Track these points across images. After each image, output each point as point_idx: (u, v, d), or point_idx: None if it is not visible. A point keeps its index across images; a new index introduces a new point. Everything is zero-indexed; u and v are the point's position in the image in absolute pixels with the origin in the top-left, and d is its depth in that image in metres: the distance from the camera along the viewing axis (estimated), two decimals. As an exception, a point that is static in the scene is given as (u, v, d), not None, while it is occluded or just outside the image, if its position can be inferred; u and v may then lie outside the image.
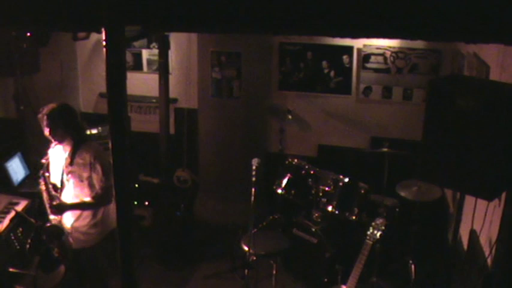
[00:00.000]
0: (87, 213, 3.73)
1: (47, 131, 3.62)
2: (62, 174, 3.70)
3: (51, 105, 3.65)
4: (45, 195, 3.70)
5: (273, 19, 1.92)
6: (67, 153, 3.70)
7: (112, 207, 3.55)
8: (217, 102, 5.69)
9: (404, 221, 4.83)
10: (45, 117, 3.59)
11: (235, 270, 4.92)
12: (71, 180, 3.67)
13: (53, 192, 3.69)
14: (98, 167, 3.62)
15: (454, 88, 2.11)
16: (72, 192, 3.70)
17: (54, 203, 3.65)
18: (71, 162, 3.66)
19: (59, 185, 3.72)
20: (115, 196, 2.25)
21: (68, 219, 3.74)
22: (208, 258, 5.38)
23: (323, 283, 4.65)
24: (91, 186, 3.66)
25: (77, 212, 3.73)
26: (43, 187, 3.69)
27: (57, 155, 3.77)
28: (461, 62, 4.78)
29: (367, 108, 5.80)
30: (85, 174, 3.64)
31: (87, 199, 3.68)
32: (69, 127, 3.66)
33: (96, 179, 3.64)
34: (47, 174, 3.70)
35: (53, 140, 3.67)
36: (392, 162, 4.69)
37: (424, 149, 2.17)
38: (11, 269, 4.20)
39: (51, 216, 3.69)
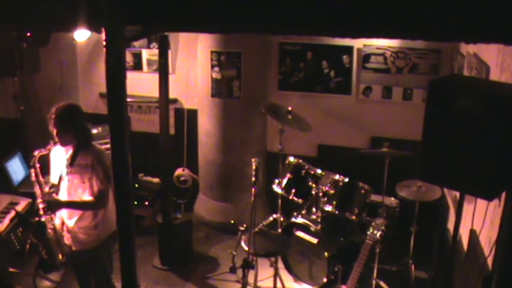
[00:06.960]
0: (88, 214, 3.69)
1: (54, 132, 3.54)
2: (62, 175, 3.66)
3: (61, 105, 3.58)
4: (37, 189, 3.63)
5: (273, 19, 1.92)
6: (68, 154, 3.66)
7: (112, 208, 3.51)
8: (217, 102, 5.69)
9: (404, 221, 4.83)
10: (53, 117, 3.52)
11: (235, 270, 4.92)
12: (73, 181, 3.64)
13: (46, 189, 3.63)
14: (99, 170, 3.58)
15: (454, 88, 2.11)
16: (74, 193, 3.65)
17: (47, 198, 3.60)
18: (72, 163, 3.62)
19: (56, 183, 3.67)
20: (115, 196, 2.25)
21: (71, 220, 3.71)
22: (208, 258, 5.39)
23: (323, 283, 4.66)
24: (92, 187, 3.62)
25: (78, 213, 3.69)
26: (34, 178, 3.62)
27: (59, 154, 3.73)
28: (461, 62, 4.78)
29: (367, 108, 5.80)
30: (87, 176, 3.60)
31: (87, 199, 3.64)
32: (77, 130, 3.61)
33: (95, 181, 3.60)
34: (37, 164, 3.62)
35: (58, 142, 3.59)
36: (392, 162, 4.68)
37: (424, 149, 2.16)
38: (11, 269, 4.21)
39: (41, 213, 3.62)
